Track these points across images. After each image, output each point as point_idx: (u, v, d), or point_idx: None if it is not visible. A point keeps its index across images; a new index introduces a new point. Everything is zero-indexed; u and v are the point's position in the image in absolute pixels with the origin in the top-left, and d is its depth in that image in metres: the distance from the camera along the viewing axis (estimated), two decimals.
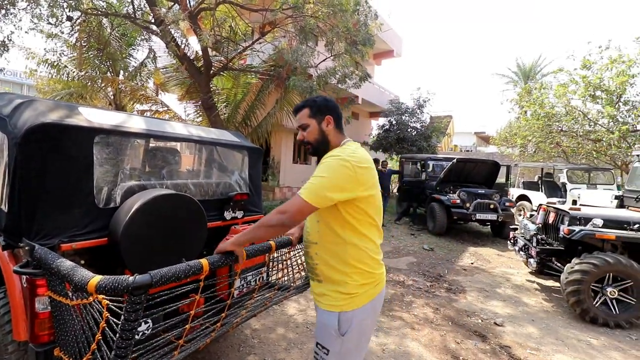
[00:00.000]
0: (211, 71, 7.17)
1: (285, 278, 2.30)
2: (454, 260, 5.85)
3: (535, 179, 10.88)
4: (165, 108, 9.13)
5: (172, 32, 6.31)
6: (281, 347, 2.73)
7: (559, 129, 10.75)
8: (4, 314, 1.64)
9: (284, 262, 2.23)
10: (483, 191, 7.83)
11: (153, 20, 6.78)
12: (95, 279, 1.08)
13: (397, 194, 11.37)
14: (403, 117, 14.20)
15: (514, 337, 3.17)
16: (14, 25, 7.36)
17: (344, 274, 1.31)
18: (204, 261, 1.33)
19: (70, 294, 1.29)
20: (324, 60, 7.72)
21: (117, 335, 1.13)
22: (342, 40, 6.57)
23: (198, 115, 9.39)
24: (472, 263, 5.73)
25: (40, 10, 7.17)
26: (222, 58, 7.65)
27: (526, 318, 3.62)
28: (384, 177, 8.33)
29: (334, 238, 1.32)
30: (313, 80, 7.00)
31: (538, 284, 4.78)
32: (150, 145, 2.20)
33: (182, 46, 7.09)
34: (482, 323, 3.45)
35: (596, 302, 3.48)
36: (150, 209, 1.66)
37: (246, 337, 2.85)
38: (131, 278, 1.10)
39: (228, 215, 2.35)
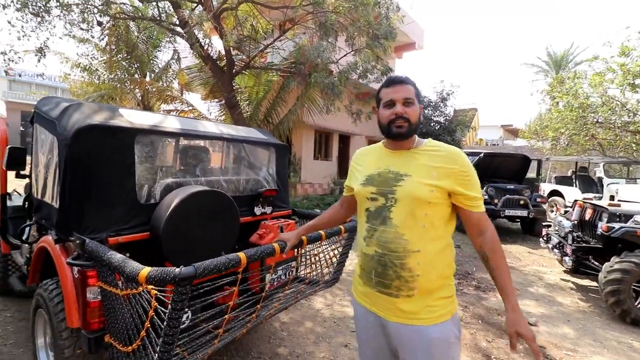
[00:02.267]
0: (234, 70, 7.30)
1: (314, 272, 2.33)
2: None
3: (569, 174, 10.38)
4: (190, 107, 9.39)
5: (196, 33, 6.48)
6: (310, 341, 2.78)
7: (595, 120, 10.19)
8: (58, 302, 1.77)
9: (313, 257, 2.26)
10: (512, 187, 7.56)
11: (177, 22, 6.97)
12: (146, 270, 1.15)
13: None
14: (426, 111, 13.91)
15: (549, 337, 3.07)
16: (49, 32, 7.79)
17: (446, 277, 1.20)
18: (241, 254, 1.38)
19: (119, 284, 1.38)
20: (345, 56, 7.68)
21: (165, 323, 1.20)
22: (364, 34, 6.50)
23: (221, 114, 9.60)
24: None
25: (73, 17, 7.54)
26: (244, 57, 7.77)
27: (561, 318, 3.49)
28: None
29: (439, 240, 1.19)
30: (334, 76, 6.98)
31: (573, 283, 4.58)
32: (185, 143, 2.28)
33: (206, 46, 7.26)
34: None
35: (638, 303, 3.30)
36: (188, 205, 1.74)
37: (276, 329, 2.92)
38: (177, 270, 1.16)
39: (258, 210, 2.41)
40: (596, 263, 3.96)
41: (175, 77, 11.73)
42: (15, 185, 3.26)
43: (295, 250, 2.22)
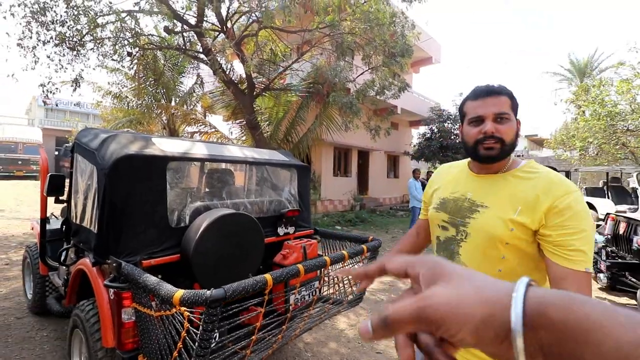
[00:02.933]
0: (254, 92, 7.58)
1: (338, 292, 2.34)
2: None
3: (600, 185, 9.91)
4: (213, 129, 9.74)
5: (219, 59, 6.82)
6: None
7: (625, 128, 9.76)
8: (94, 323, 1.86)
9: (337, 277, 2.27)
10: None
11: (201, 50, 7.37)
12: (180, 292, 1.21)
13: None
14: (445, 124, 13.79)
15: None
16: (84, 64, 8.40)
17: None
18: (267, 276, 1.42)
19: (153, 306, 1.44)
20: (362, 74, 7.83)
21: (197, 343, 1.24)
22: (380, 53, 6.63)
23: (243, 134, 9.91)
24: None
25: (105, 49, 8.12)
26: (264, 79, 8.07)
27: None
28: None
29: None
30: (352, 95, 7.11)
31: (610, 301, 4.30)
32: (211, 167, 2.39)
33: (228, 71, 7.61)
34: None
35: None
36: (216, 228, 1.81)
37: (300, 350, 2.90)
38: (208, 292, 1.21)
39: (281, 231, 2.47)
40: (634, 280, 3.73)
41: (199, 101, 12.29)
42: (51, 208, 3.47)
43: (319, 270, 2.25)
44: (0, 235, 6.90)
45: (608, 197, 8.89)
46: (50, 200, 2.89)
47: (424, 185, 8.07)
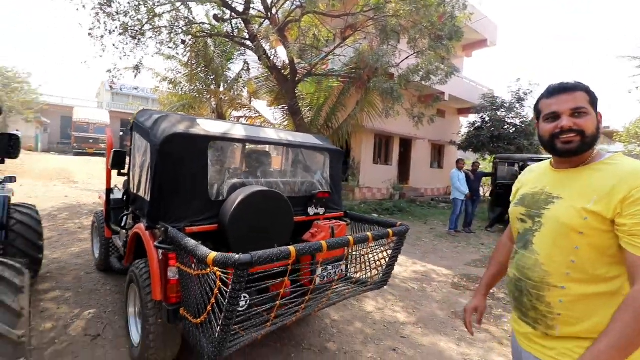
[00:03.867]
0: (296, 78, 7.71)
1: (363, 274, 2.42)
2: None
3: None
4: (257, 114, 10.10)
5: (263, 46, 7.01)
6: (358, 340, 2.86)
7: None
8: (146, 279, 2.14)
9: (362, 258, 2.35)
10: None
11: (248, 37, 7.63)
12: (213, 254, 1.37)
13: (489, 198, 10.41)
14: (498, 113, 12.85)
15: None
16: (143, 52, 9.13)
17: (601, 326, 0.92)
18: (291, 248, 1.54)
19: (193, 266, 1.64)
20: (406, 58, 7.58)
21: (226, 301, 1.41)
22: (426, 36, 6.36)
23: (285, 120, 10.16)
24: None
25: (162, 37, 8.72)
26: (306, 65, 8.15)
27: None
28: (472, 180, 7.76)
29: (599, 284, 0.96)
30: (394, 81, 6.93)
31: None
32: (248, 148, 2.57)
33: (272, 57, 7.80)
34: None
35: None
36: (250, 202, 1.97)
37: (326, 325, 3.05)
38: (237, 256, 1.36)
39: (311, 211, 2.59)
40: None
41: (245, 86, 12.76)
42: (115, 181, 3.93)
43: (345, 249, 2.34)
44: (74, 204, 7.92)
45: None
46: (114, 174, 3.29)
47: (468, 177, 7.70)
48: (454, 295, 4.03)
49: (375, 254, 2.34)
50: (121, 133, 26.54)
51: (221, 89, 12.62)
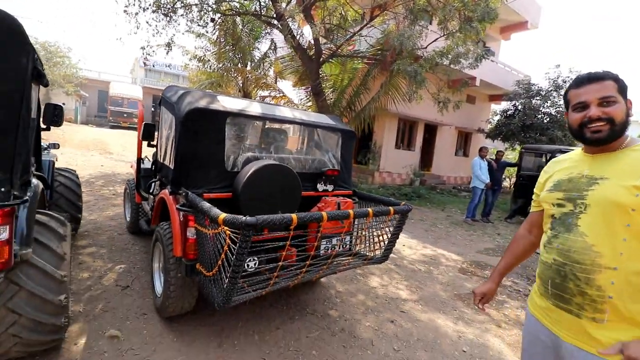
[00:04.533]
0: (321, 59, 7.71)
1: (366, 249, 2.58)
2: None
3: None
4: (282, 94, 10.23)
5: (289, 25, 7.04)
6: (359, 311, 3.05)
7: None
8: (169, 238, 2.40)
9: (365, 233, 2.50)
10: None
11: (275, 15, 7.67)
12: (223, 214, 1.57)
13: (512, 189, 10.13)
14: (533, 101, 12.22)
15: None
16: (175, 29, 9.40)
17: None
18: (293, 215, 1.71)
19: (208, 227, 1.86)
20: (434, 41, 7.36)
21: (234, 257, 1.62)
22: (455, 18, 6.14)
23: (308, 101, 10.23)
24: None
25: (192, 15, 8.93)
26: (332, 45, 8.11)
27: None
28: (495, 169, 7.60)
29: None
30: (419, 64, 6.79)
31: None
32: (263, 125, 2.73)
33: (298, 37, 7.82)
34: None
35: None
36: (261, 174, 2.16)
37: (331, 295, 3.27)
38: (243, 218, 1.55)
39: (320, 187, 2.74)
40: None
41: (271, 66, 12.86)
42: (145, 152, 4.25)
43: (350, 224, 2.50)
44: (110, 173, 8.53)
45: None
46: (144, 144, 3.57)
47: (490, 166, 7.54)
48: (459, 280, 4.12)
49: (377, 230, 2.48)
50: (152, 109, 27.65)
51: (248, 68, 12.81)
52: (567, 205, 1.11)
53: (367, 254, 2.55)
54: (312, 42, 7.65)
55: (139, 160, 3.74)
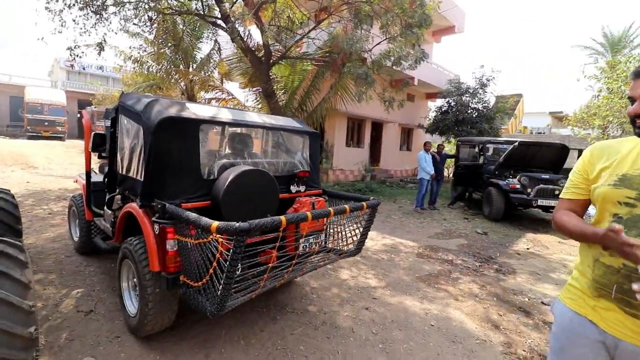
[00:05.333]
0: (271, 60, 7.72)
1: (340, 243, 2.73)
2: (508, 244, 5.80)
3: None
4: (231, 96, 9.99)
5: (237, 27, 6.93)
6: (336, 303, 3.21)
7: None
8: (142, 253, 2.30)
9: (340, 229, 2.65)
10: (547, 176, 7.43)
11: (220, 16, 7.47)
12: (215, 223, 1.59)
13: (452, 178, 11.15)
14: (463, 98, 13.54)
15: None
16: (106, 28, 8.61)
17: None
18: (282, 218, 1.79)
19: (193, 236, 1.85)
20: (378, 44, 7.81)
21: (228, 263, 1.65)
22: (397, 23, 6.61)
23: (258, 102, 10.13)
24: (527, 248, 5.63)
25: (127, 13, 8.30)
26: (281, 47, 8.15)
27: None
28: (436, 161, 8.32)
29: None
30: (367, 66, 7.17)
31: None
32: (234, 131, 2.73)
33: (245, 38, 7.72)
34: (528, 301, 3.56)
35: None
36: (240, 180, 2.18)
37: (307, 292, 3.37)
38: (237, 224, 1.59)
39: (293, 188, 2.83)
40: None
41: (216, 67, 12.44)
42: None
43: (324, 221, 2.63)
44: (39, 190, 7.60)
45: None
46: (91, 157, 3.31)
47: (434, 158, 8.24)
48: (418, 263, 4.50)
49: (350, 225, 2.65)
50: (78, 115, 24.88)
51: (191, 69, 12.25)
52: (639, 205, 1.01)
53: (343, 248, 2.70)
54: (261, 43, 7.62)
55: (89, 173, 3.46)
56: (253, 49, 8.01)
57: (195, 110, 2.34)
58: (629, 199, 1.04)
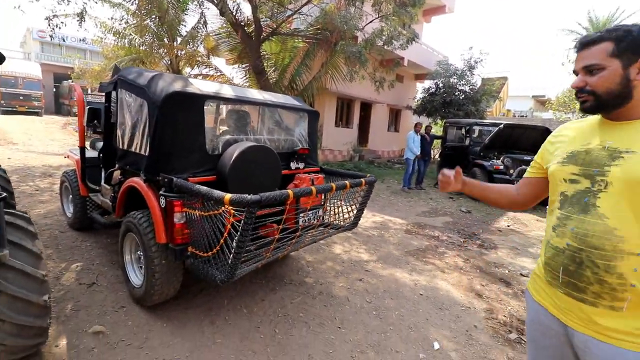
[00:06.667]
0: (261, 36, 7.54)
1: (337, 218, 2.86)
2: (490, 222, 6.11)
3: None
4: (219, 73, 9.74)
5: (227, 1, 6.70)
6: (331, 275, 3.38)
7: None
8: (147, 226, 2.36)
9: (337, 205, 2.77)
10: (529, 158, 7.75)
11: None
12: (228, 195, 1.67)
13: (438, 159, 11.42)
14: (451, 80, 13.65)
15: None
16: None
17: None
18: (289, 191, 1.88)
19: (202, 209, 1.92)
20: (370, 22, 7.72)
21: (239, 234, 1.74)
22: (391, 1, 6.55)
23: (246, 79, 9.94)
24: (508, 226, 5.96)
25: None
26: (270, 22, 7.95)
27: None
28: (426, 142, 8.49)
29: None
30: (360, 44, 7.13)
31: None
32: (237, 107, 2.76)
33: (235, 12, 7.48)
34: (508, 273, 3.84)
35: None
36: (246, 156, 2.25)
37: (303, 265, 3.53)
38: (249, 196, 1.67)
39: (293, 165, 2.91)
40: None
41: (202, 42, 12.01)
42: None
43: (322, 197, 2.74)
44: (22, 166, 7.38)
45: None
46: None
47: (424, 139, 8.41)
48: (406, 239, 4.72)
49: (348, 200, 2.77)
50: (54, 90, 23.68)
51: (176, 43, 11.78)
52: (583, 181, 0.99)
53: (342, 223, 2.83)
54: (251, 18, 7.41)
55: (83, 148, 3.42)
56: (242, 24, 7.79)
57: (199, 85, 2.35)
58: (574, 175, 1.02)
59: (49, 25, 7.46)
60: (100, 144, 3.55)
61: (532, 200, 1.26)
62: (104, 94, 3.10)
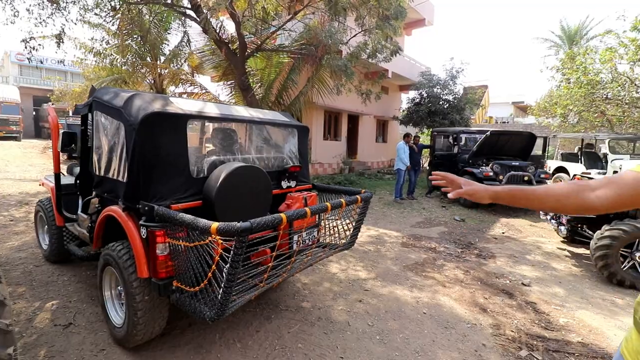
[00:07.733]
0: (246, 53, 7.48)
1: (333, 238, 2.70)
2: (485, 230, 6.04)
3: (575, 150, 10.49)
4: (204, 90, 9.61)
5: (209, 18, 6.64)
6: (329, 297, 3.20)
7: (604, 96, 10.18)
8: (127, 259, 2.16)
9: (332, 224, 2.62)
10: (517, 163, 7.81)
11: (190, 6, 7.12)
12: (215, 224, 1.51)
13: (427, 168, 11.45)
14: (434, 90, 13.88)
15: (540, 295, 3.44)
16: (65, 18, 7.96)
17: None
18: (282, 215, 1.73)
19: (187, 239, 1.75)
20: (354, 36, 7.77)
21: (228, 265, 1.57)
22: (374, 15, 6.60)
23: (232, 96, 9.83)
24: (503, 233, 5.90)
25: (87, 2, 7.71)
26: (255, 38, 7.91)
27: (553, 280, 3.85)
28: (415, 152, 8.48)
29: None
30: (345, 58, 7.14)
31: (569, 251, 4.91)
32: (222, 126, 2.61)
33: (218, 29, 7.41)
34: (510, 283, 3.73)
35: (624, 266, 3.63)
36: (233, 178, 2.09)
37: (299, 288, 3.34)
38: (238, 224, 1.51)
39: (284, 184, 2.76)
40: (590, 232, 4.27)
41: (186, 60, 11.90)
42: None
43: (317, 217, 2.59)
44: None
45: (581, 162, 9.49)
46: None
47: (412, 150, 8.40)
48: (404, 253, 4.58)
49: (344, 218, 2.63)
50: (34, 113, 23.09)
51: (159, 62, 11.64)
52: None
53: (338, 242, 2.68)
54: (235, 34, 7.35)
55: (58, 175, 3.20)
56: (226, 41, 7.72)
57: (180, 104, 2.20)
58: None
59: (26, 47, 7.24)
60: (77, 170, 3.33)
61: (614, 207, 0.86)
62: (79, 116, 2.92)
